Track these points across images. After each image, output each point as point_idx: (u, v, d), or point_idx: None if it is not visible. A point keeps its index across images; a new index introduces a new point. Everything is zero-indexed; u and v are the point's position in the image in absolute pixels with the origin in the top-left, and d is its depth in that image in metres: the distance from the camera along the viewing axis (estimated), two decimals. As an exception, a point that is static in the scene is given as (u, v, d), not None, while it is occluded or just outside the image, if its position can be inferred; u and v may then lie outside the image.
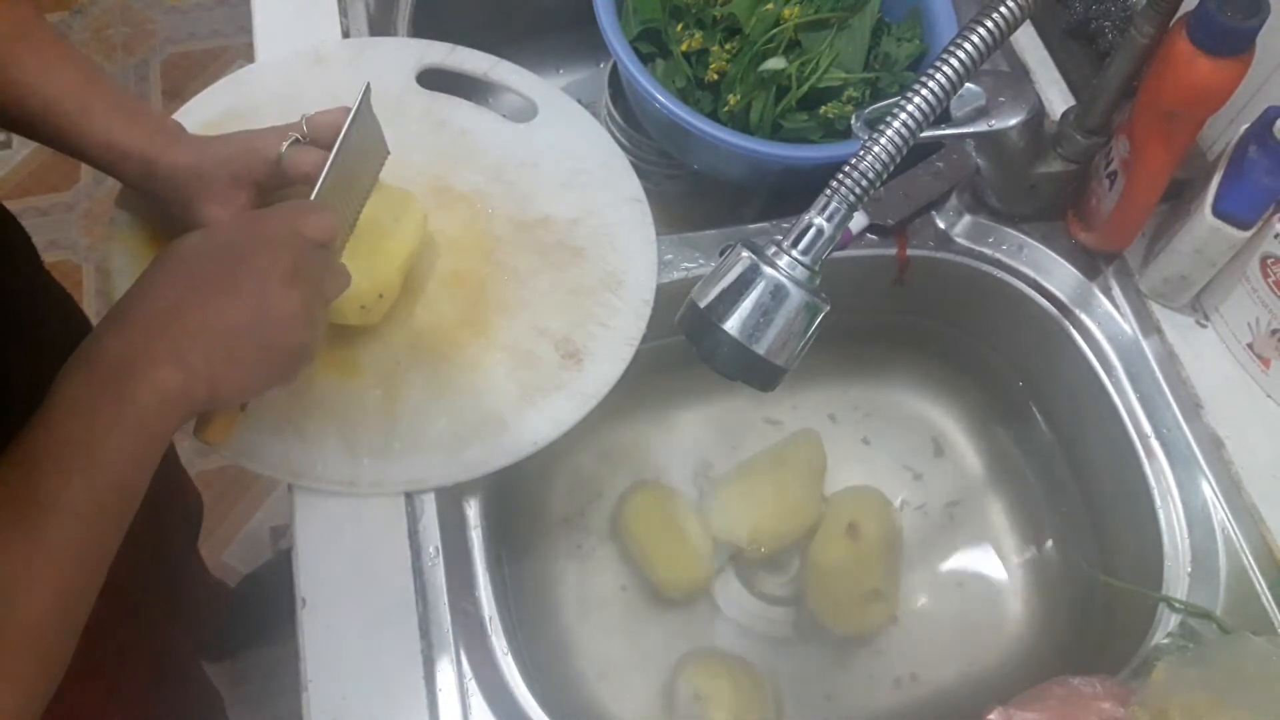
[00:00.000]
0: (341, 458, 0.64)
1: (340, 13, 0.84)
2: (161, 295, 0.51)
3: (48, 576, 0.42)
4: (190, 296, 0.51)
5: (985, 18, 0.50)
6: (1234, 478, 0.68)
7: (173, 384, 0.48)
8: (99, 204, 1.73)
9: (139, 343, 0.49)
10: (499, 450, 0.66)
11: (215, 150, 0.63)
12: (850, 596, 0.80)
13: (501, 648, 0.64)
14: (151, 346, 0.49)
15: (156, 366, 0.48)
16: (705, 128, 0.74)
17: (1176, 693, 0.56)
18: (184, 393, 0.49)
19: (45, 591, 0.42)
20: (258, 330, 0.52)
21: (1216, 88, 0.60)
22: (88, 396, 0.47)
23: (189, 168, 0.62)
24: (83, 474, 0.45)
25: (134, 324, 0.50)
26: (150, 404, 0.47)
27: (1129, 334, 0.75)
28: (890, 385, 0.92)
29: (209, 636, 1.29)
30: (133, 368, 0.48)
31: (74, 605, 0.44)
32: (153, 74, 1.90)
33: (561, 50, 1.05)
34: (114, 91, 0.63)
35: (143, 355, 0.48)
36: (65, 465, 0.45)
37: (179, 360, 0.49)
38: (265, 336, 0.53)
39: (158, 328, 0.49)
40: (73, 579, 0.44)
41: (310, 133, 0.63)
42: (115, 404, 0.47)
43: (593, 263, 0.73)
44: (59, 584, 0.43)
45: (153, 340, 0.49)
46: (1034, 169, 0.73)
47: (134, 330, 0.49)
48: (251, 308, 0.52)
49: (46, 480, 0.44)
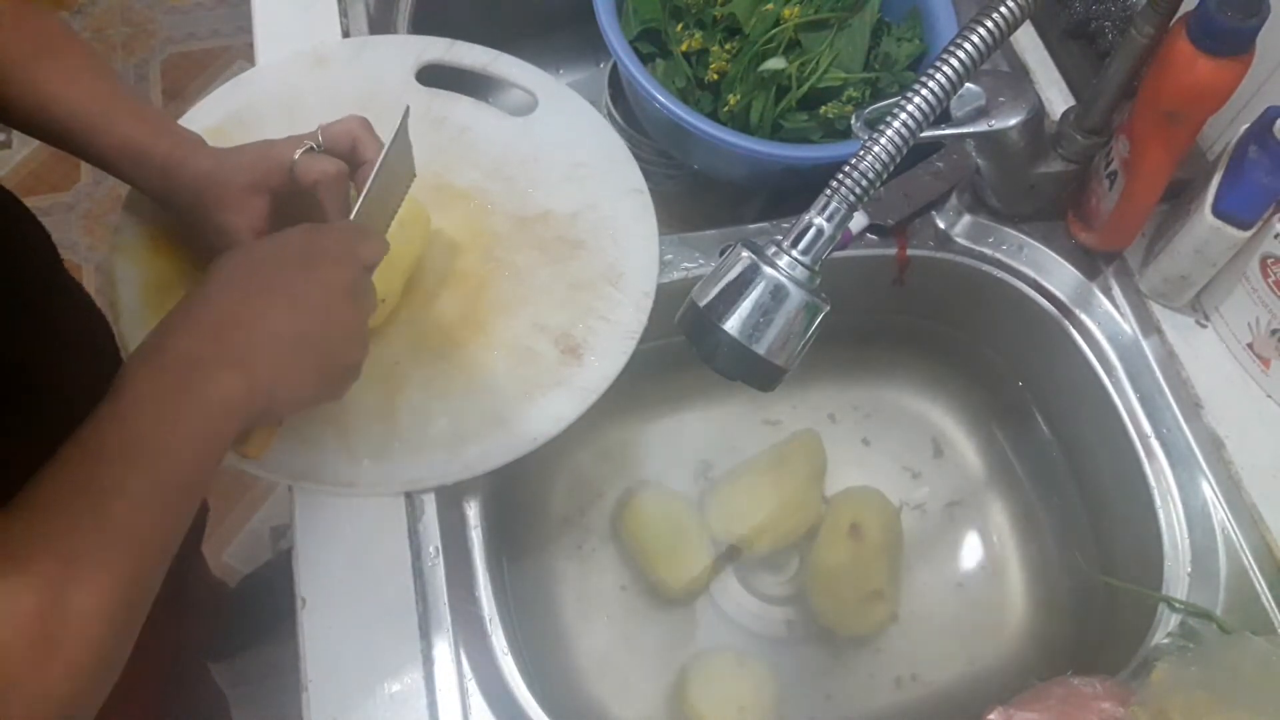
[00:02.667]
0: (341, 459, 0.64)
1: (340, 12, 0.84)
2: (229, 299, 0.52)
3: (113, 562, 0.42)
4: (257, 304, 0.52)
5: (985, 18, 0.50)
6: (1234, 478, 0.68)
7: (238, 390, 0.49)
8: (99, 204, 1.74)
9: (207, 345, 0.49)
10: (499, 448, 0.65)
11: (232, 159, 0.64)
12: (852, 597, 0.80)
13: (501, 648, 0.64)
14: (220, 350, 0.49)
15: (224, 370, 0.49)
16: (705, 128, 0.74)
17: (1176, 693, 0.56)
18: (246, 399, 0.49)
19: (110, 577, 0.42)
20: (320, 343, 0.53)
21: (1216, 88, 0.60)
22: (155, 392, 0.47)
23: (207, 176, 0.63)
24: (150, 467, 0.45)
25: (202, 325, 0.50)
26: (215, 406, 0.48)
27: (1129, 334, 0.75)
28: (890, 385, 0.92)
29: (210, 636, 1.29)
30: (201, 369, 0.48)
31: (137, 594, 0.44)
32: (153, 74, 1.90)
33: (561, 50, 1.05)
34: (137, 100, 0.64)
35: (211, 358, 0.49)
36: (133, 457, 0.45)
37: (245, 367, 0.49)
38: (325, 350, 0.54)
39: (226, 332, 0.50)
40: (137, 567, 0.44)
41: (325, 142, 0.64)
42: (182, 402, 0.47)
43: (593, 256, 0.73)
44: (124, 570, 0.43)
45: (221, 344, 0.50)
46: (1034, 169, 0.73)
47: (202, 331, 0.50)
48: (316, 320, 0.53)
49: (114, 469, 0.44)
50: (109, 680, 0.43)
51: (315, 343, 0.53)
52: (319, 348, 0.53)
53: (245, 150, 0.64)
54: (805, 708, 0.79)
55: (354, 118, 0.65)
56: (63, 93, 0.61)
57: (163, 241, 0.70)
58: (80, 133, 0.62)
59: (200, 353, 0.49)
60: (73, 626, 0.40)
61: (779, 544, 0.83)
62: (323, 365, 0.54)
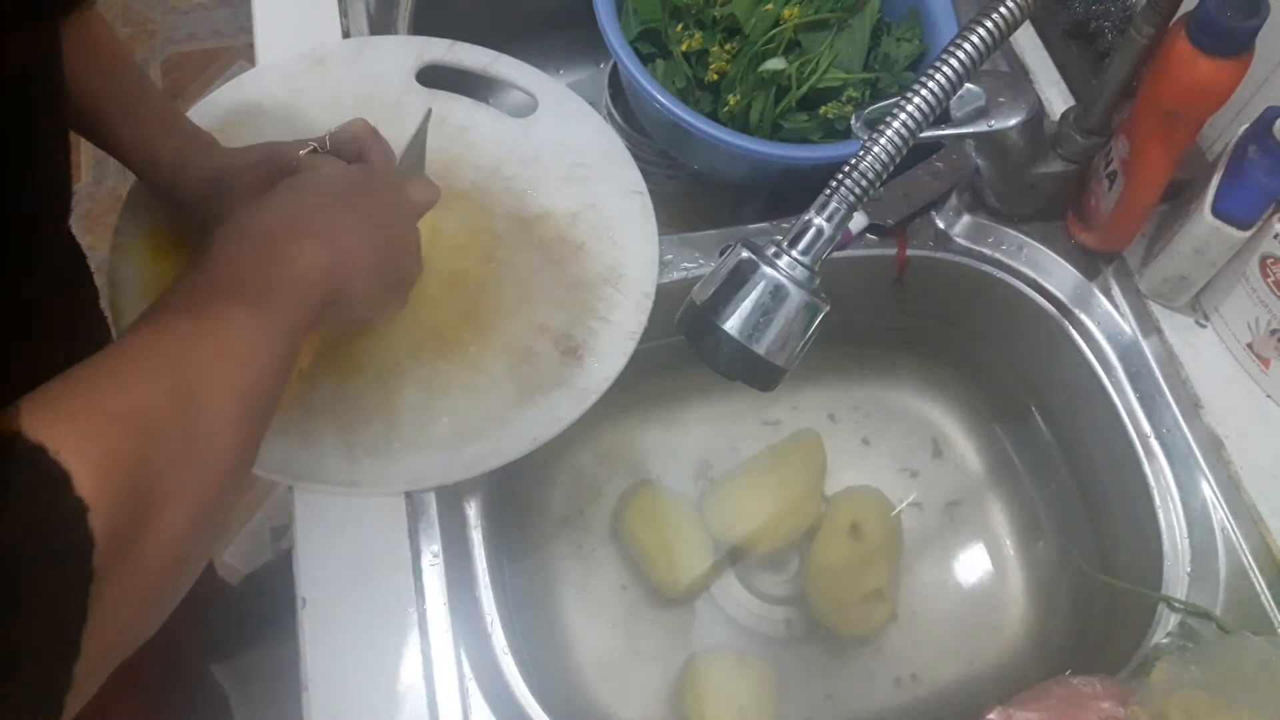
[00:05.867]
0: (342, 458, 0.64)
1: (340, 13, 0.84)
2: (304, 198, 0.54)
3: (228, 382, 0.43)
4: (330, 205, 0.54)
5: (985, 18, 0.50)
6: (1234, 478, 0.68)
7: (322, 256, 0.50)
8: (99, 204, 1.73)
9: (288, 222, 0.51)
10: (499, 448, 0.66)
11: (237, 160, 0.64)
12: (852, 596, 0.80)
13: (501, 648, 0.64)
14: (301, 226, 0.51)
15: (307, 238, 0.50)
16: (705, 128, 0.74)
17: (1176, 692, 0.56)
18: (330, 267, 0.50)
19: (225, 396, 0.42)
20: (386, 248, 0.56)
21: (1216, 88, 0.60)
22: (245, 254, 0.49)
23: (210, 177, 0.63)
24: (253, 304, 0.46)
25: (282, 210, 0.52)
26: (303, 266, 0.49)
27: (1129, 334, 0.75)
28: (890, 385, 0.92)
29: (211, 636, 1.29)
30: (284, 237, 0.50)
31: (252, 415, 0.44)
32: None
33: (561, 50, 1.05)
34: (157, 98, 0.66)
35: (294, 230, 0.50)
36: (237, 294, 0.46)
37: (326, 239, 0.51)
38: (390, 255, 0.56)
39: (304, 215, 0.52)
40: (250, 386, 0.44)
41: (332, 146, 0.65)
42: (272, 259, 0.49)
43: (593, 256, 0.73)
44: (238, 388, 0.43)
45: (302, 223, 0.51)
46: (1034, 169, 0.73)
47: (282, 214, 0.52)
48: (382, 227, 0.56)
49: (218, 306, 0.45)
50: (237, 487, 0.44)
51: (384, 246, 0.55)
52: (387, 251, 0.56)
53: (251, 151, 0.65)
54: (805, 708, 0.79)
55: (361, 122, 0.65)
56: (92, 85, 0.61)
57: (163, 241, 0.70)
58: (100, 122, 0.63)
59: (282, 228, 0.51)
60: (205, 425, 0.41)
61: (779, 544, 0.83)
62: (387, 269, 0.56)
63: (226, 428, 0.42)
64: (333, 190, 0.56)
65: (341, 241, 0.52)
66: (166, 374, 0.41)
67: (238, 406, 0.43)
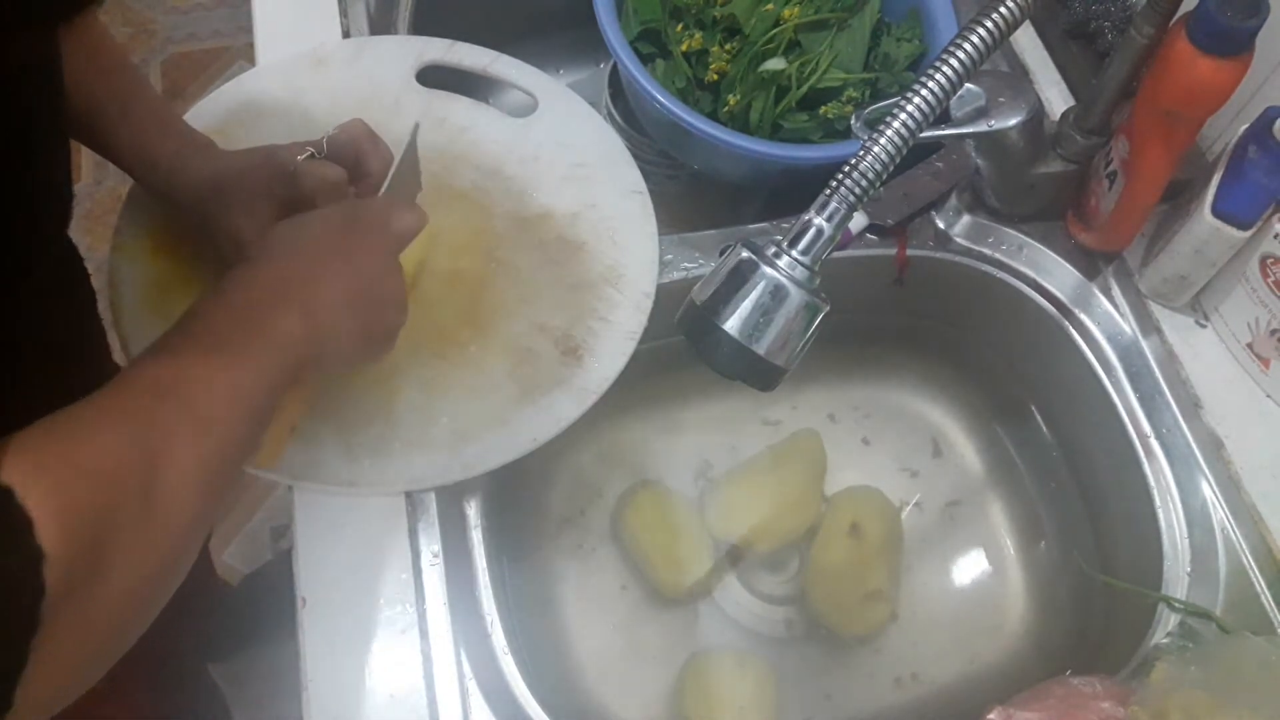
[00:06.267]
0: (341, 458, 0.64)
1: (340, 13, 0.84)
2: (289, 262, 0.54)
3: (195, 445, 0.43)
4: (314, 267, 0.54)
5: (985, 18, 0.50)
6: (1234, 478, 0.68)
7: (299, 329, 0.51)
8: (99, 204, 1.73)
9: (270, 293, 0.52)
10: (499, 448, 0.65)
11: (235, 164, 0.64)
12: (852, 596, 0.80)
13: (501, 647, 0.64)
14: (282, 297, 0.52)
15: (287, 312, 0.51)
16: (705, 128, 0.74)
17: (1176, 692, 0.56)
18: (305, 340, 0.51)
19: (191, 460, 0.43)
20: (369, 306, 0.56)
21: (1216, 88, 0.60)
22: (226, 322, 0.50)
23: (207, 181, 0.63)
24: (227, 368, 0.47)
25: (265, 279, 0.53)
26: (281, 336, 0.50)
27: (1128, 334, 0.75)
28: (890, 385, 0.92)
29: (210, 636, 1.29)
30: (265, 308, 0.51)
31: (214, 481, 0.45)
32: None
33: (561, 50, 1.05)
34: (153, 100, 0.65)
35: (274, 301, 0.51)
36: (214, 357, 0.47)
37: (305, 312, 0.52)
38: (373, 312, 0.56)
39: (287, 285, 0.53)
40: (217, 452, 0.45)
41: (330, 149, 0.64)
42: (251, 330, 0.49)
43: (593, 257, 0.73)
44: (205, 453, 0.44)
45: (283, 293, 0.52)
46: (1034, 169, 0.73)
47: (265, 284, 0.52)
48: (366, 283, 0.56)
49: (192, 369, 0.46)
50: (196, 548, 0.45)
51: (365, 304, 0.56)
52: (368, 309, 0.56)
53: (249, 155, 0.65)
54: (805, 707, 0.79)
55: (359, 124, 0.65)
56: (90, 87, 0.61)
57: (163, 241, 0.70)
58: (97, 125, 0.63)
59: (264, 297, 0.51)
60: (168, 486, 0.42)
61: (779, 544, 0.83)
62: (369, 326, 0.56)
63: (189, 490, 0.43)
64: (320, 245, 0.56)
65: (322, 307, 0.53)
66: (138, 433, 0.42)
67: (202, 471, 0.44)
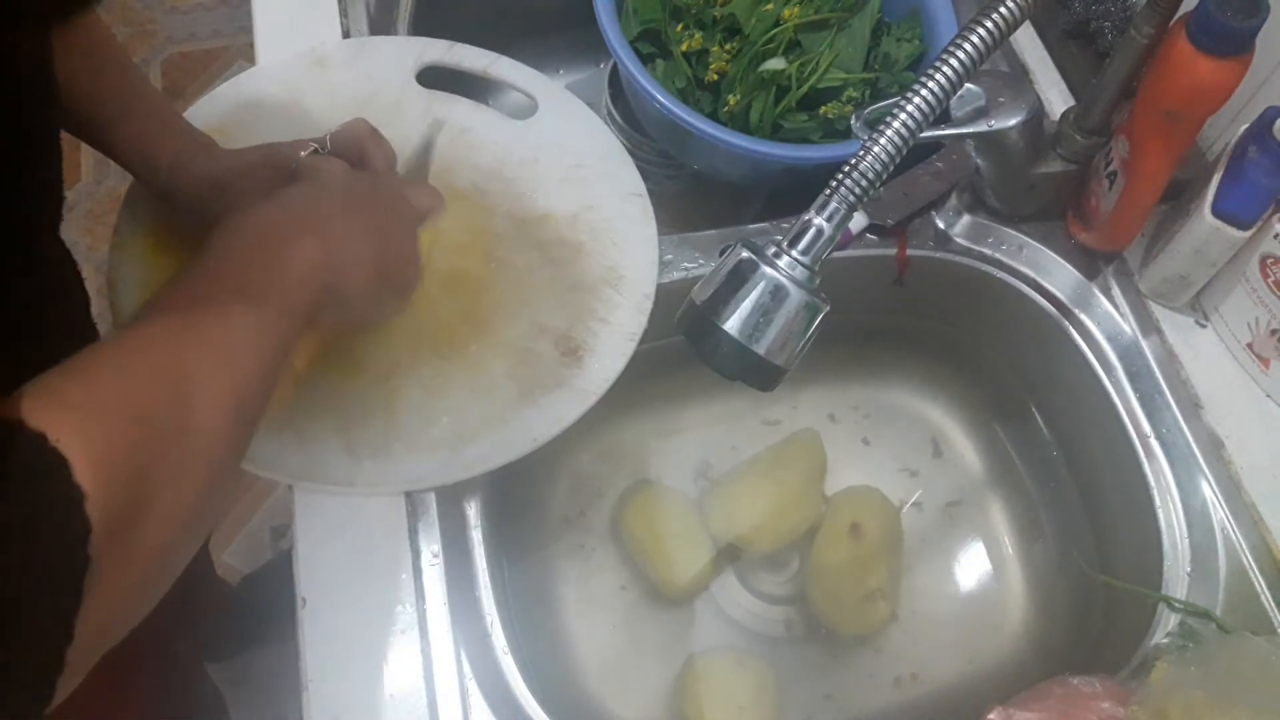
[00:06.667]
0: (341, 458, 0.64)
1: (340, 13, 0.84)
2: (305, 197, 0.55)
3: (222, 376, 0.44)
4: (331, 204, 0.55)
5: (985, 18, 0.50)
6: (1234, 478, 0.68)
7: (316, 252, 0.51)
8: (100, 204, 1.73)
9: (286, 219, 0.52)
10: (499, 448, 0.66)
11: (236, 162, 0.64)
12: (852, 596, 0.80)
13: (501, 647, 0.64)
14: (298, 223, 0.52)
15: (303, 234, 0.51)
16: (705, 128, 0.74)
17: (1176, 692, 0.56)
18: (323, 263, 0.51)
19: (219, 390, 0.43)
20: (383, 249, 0.56)
21: (1216, 88, 0.60)
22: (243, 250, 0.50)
23: (209, 180, 0.63)
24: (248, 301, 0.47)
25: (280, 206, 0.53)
26: (298, 262, 0.50)
27: (1128, 334, 0.75)
28: (890, 385, 0.92)
29: (210, 636, 1.29)
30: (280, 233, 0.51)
31: (245, 410, 0.45)
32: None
33: (561, 50, 1.05)
34: (155, 99, 0.65)
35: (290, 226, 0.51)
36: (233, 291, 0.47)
37: (321, 237, 0.52)
38: (387, 257, 0.57)
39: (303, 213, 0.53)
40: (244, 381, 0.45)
41: (333, 147, 0.64)
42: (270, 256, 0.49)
43: (593, 258, 0.73)
44: (232, 382, 0.44)
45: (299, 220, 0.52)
46: (1034, 169, 0.73)
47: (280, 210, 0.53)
48: (380, 229, 0.56)
49: (214, 303, 0.46)
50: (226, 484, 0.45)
51: (380, 245, 0.56)
52: (383, 250, 0.56)
53: (251, 153, 0.65)
54: (805, 707, 0.79)
55: (362, 123, 0.65)
56: (87, 87, 0.61)
57: (162, 239, 0.70)
58: (98, 123, 0.63)
59: (280, 223, 0.52)
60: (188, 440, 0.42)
61: (779, 543, 0.83)
62: (384, 269, 0.56)
63: (219, 420, 0.43)
64: (333, 191, 0.56)
65: (339, 238, 0.52)
66: (163, 367, 0.42)
67: (230, 401, 0.43)
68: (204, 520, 0.43)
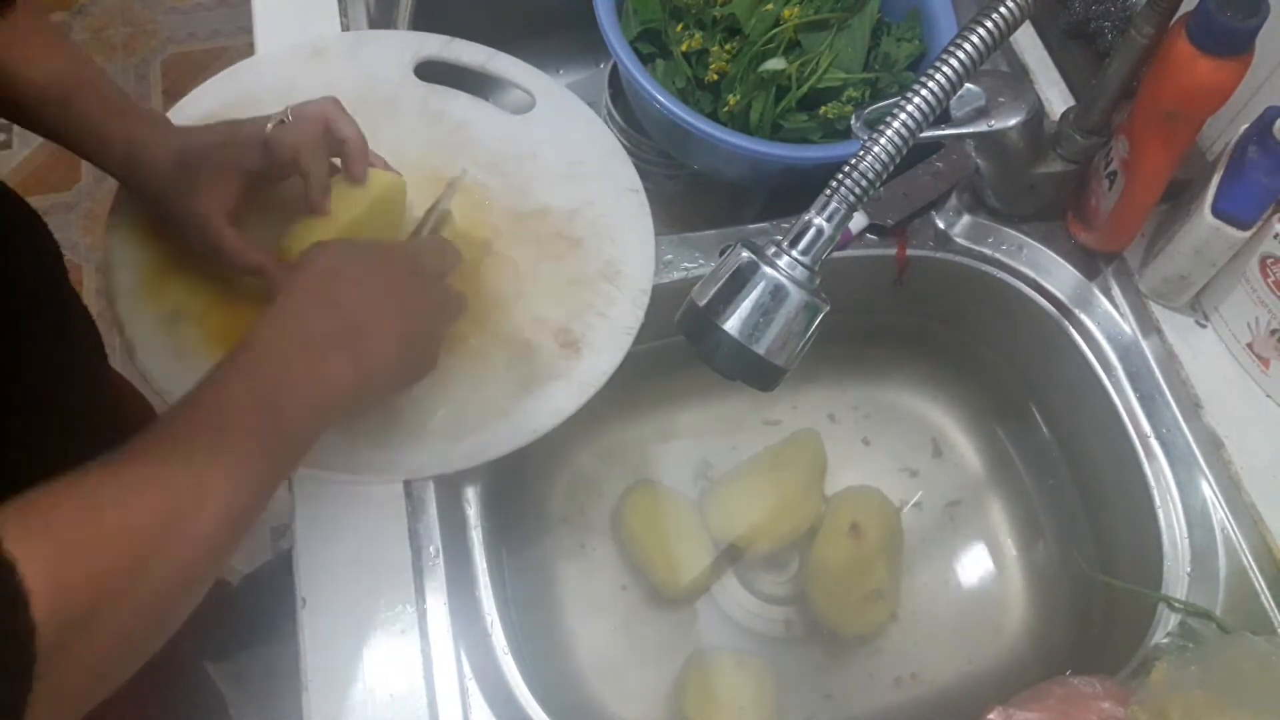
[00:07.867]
0: (342, 447, 0.64)
1: (340, 11, 0.84)
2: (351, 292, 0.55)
3: (221, 492, 0.45)
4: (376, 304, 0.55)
5: (985, 18, 0.50)
6: (1234, 478, 0.68)
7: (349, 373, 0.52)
8: (99, 204, 1.73)
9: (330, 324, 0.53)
10: (500, 438, 0.66)
11: (199, 140, 0.63)
12: (852, 596, 0.80)
13: (501, 647, 0.64)
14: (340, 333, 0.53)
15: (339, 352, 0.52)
16: (705, 128, 0.74)
17: (1176, 692, 0.56)
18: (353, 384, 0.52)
19: (217, 505, 0.45)
20: (414, 346, 0.58)
21: (1216, 88, 0.60)
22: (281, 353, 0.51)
23: (171, 159, 0.62)
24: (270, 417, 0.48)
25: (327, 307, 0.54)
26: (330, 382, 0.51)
27: (1129, 334, 0.75)
28: (890, 385, 0.92)
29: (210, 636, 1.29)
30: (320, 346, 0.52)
31: (236, 527, 0.46)
32: (153, 74, 1.90)
33: (561, 50, 1.05)
34: (101, 83, 0.63)
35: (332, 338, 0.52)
36: (257, 405, 0.48)
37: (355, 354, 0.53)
38: (416, 352, 0.58)
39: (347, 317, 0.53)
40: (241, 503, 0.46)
41: (294, 118, 0.63)
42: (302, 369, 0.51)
43: (591, 253, 0.73)
44: (229, 501, 0.45)
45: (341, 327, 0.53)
46: (1034, 169, 0.73)
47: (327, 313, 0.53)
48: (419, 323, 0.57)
49: (238, 416, 0.48)
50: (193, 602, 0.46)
51: (411, 344, 0.57)
52: (412, 349, 0.58)
53: (211, 131, 0.63)
54: (805, 707, 0.79)
55: (327, 99, 0.65)
56: (23, 72, 0.60)
57: (155, 228, 0.70)
58: (45, 113, 0.61)
59: (323, 331, 0.52)
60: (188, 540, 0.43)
61: (779, 543, 0.83)
62: (410, 365, 0.58)
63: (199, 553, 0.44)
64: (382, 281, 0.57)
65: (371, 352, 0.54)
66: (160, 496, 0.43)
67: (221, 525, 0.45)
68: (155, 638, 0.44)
